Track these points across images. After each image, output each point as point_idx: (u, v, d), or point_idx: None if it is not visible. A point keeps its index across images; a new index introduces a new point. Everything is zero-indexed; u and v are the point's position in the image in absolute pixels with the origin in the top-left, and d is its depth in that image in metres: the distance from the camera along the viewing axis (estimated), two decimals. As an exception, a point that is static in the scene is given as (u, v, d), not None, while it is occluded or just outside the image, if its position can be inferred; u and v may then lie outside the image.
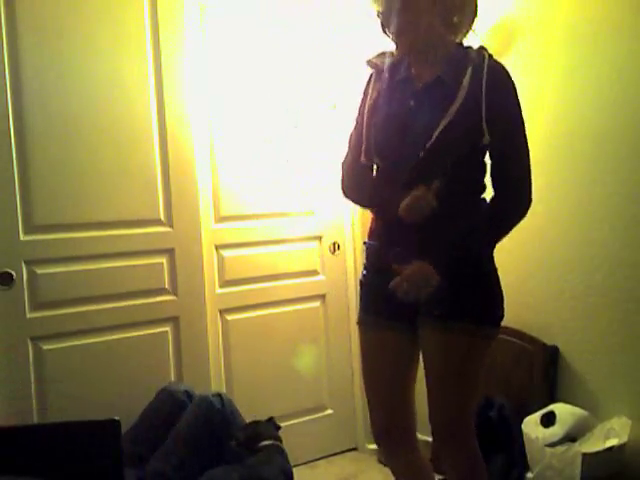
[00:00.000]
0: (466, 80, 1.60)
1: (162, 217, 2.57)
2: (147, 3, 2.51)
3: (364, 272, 1.81)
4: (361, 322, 1.81)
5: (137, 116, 2.50)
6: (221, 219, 2.81)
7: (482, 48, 1.68)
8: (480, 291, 1.67)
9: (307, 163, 3.00)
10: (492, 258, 1.71)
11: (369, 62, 1.80)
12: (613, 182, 2.34)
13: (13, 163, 2.28)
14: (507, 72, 1.65)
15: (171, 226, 2.59)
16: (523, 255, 2.65)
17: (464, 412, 1.72)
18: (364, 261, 1.83)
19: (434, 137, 1.58)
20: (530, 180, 1.66)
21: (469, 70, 1.61)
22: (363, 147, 1.75)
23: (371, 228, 1.81)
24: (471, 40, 1.76)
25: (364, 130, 1.75)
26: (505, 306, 1.73)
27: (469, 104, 1.58)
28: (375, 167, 1.79)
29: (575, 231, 2.47)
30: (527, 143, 1.65)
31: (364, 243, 1.83)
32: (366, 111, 1.76)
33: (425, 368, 1.73)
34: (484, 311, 1.68)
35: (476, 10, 1.72)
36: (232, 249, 2.85)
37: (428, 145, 1.59)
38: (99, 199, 2.43)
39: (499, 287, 1.71)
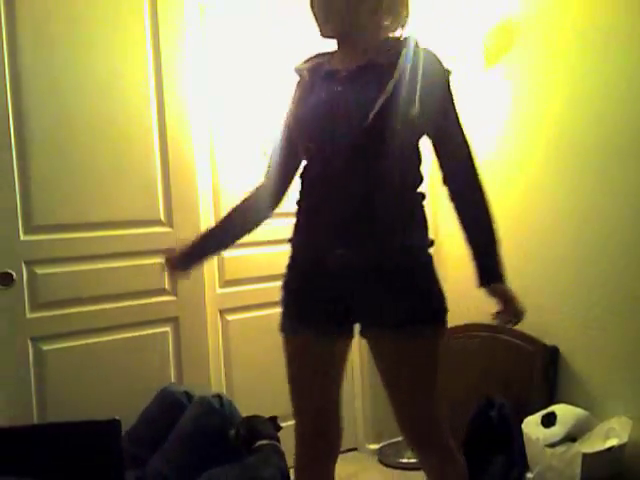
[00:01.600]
0: (402, 60, 1.53)
1: (162, 217, 2.57)
2: (147, 3, 2.51)
3: (289, 274, 1.71)
4: (288, 329, 1.70)
5: (137, 116, 2.50)
6: (221, 219, 2.80)
7: (411, 38, 1.61)
8: (424, 291, 1.59)
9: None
10: (430, 255, 1.63)
11: (297, 69, 1.75)
12: (614, 182, 2.34)
13: (13, 163, 2.27)
14: (435, 55, 1.60)
15: (171, 226, 2.59)
16: (523, 256, 2.65)
17: (431, 414, 1.65)
18: (289, 262, 1.72)
19: (372, 113, 1.49)
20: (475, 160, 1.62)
21: (404, 52, 1.55)
22: (294, 140, 1.68)
23: (298, 225, 1.70)
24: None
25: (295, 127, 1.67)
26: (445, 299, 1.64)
27: (405, 85, 1.51)
28: (306, 163, 1.68)
29: (575, 231, 2.47)
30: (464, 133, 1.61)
31: (289, 240, 1.73)
32: (291, 116, 1.69)
33: (383, 378, 1.65)
34: (430, 310, 1.59)
35: (408, 9, 1.66)
36: (232, 249, 2.83)
37: (366, 123, 1.50)
38: (99, 199, 2.43)
39: (439, 282, 1.62)
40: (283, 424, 2.52)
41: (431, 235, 1.67)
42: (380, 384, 1.71)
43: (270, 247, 2.92)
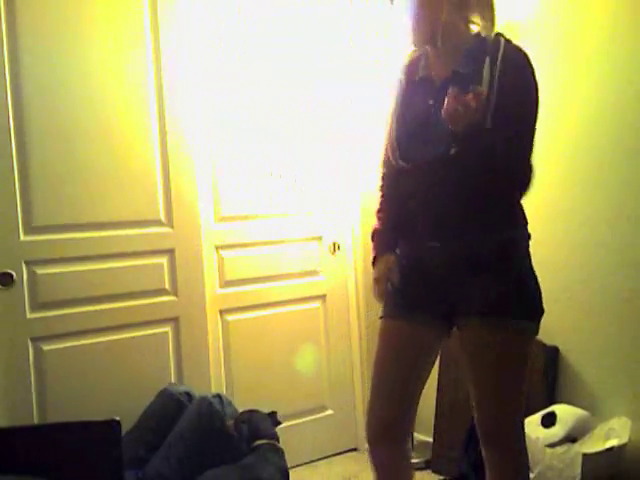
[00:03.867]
0: (486, 72, 1.56)
1: (162, 217, 2.57)
2: (147, 2, 2.51)
3: (403, 264, 1.76)
4: (387, 313, 1.76)
5: (137, 116, 2.50)
6: (221, 219, 2.81)
7: (498, 35, 1.63)
8: (520, 284, 1.64)
9: (307, 163, 3.00)
10: (528, 251, 1.68)
11: (399, 69, 1.79)
12: (614, 183, 2.34)
13: (13, 163, 2.27)
14: (524, 57, 1.60)
15: (171, 226, 2.59)
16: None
17: (512, 416, 1.66)
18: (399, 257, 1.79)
19: (460, 136, 1.53)
20: (527, 167, 1.60)
21: (487, 61, 1.57)
22: (389, 151, 1.72)
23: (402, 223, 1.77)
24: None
25: (388, 134, 1.73)
26: (542, 300, 1.70)
27: (487, 97, 1.53)
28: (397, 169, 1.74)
29: (575, 231, 2.47)
30: (533, 130, 1.59)
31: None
32: (389, 116, 1.74)
33: (471, 371, 1.67)
34: (525, 305, 1.64)
35: (493, 3, 1.67)
36: (232, 249, 2.84)
37: (455, 145, 1.55)
38: (99, 199, 2.43)
39: (537, 280, 1.68)
40: (283, 425, 2.51)
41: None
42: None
43: (270, 247, 2.93)
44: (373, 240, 1.86)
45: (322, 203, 3.04)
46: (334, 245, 3.09)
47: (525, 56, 1.60)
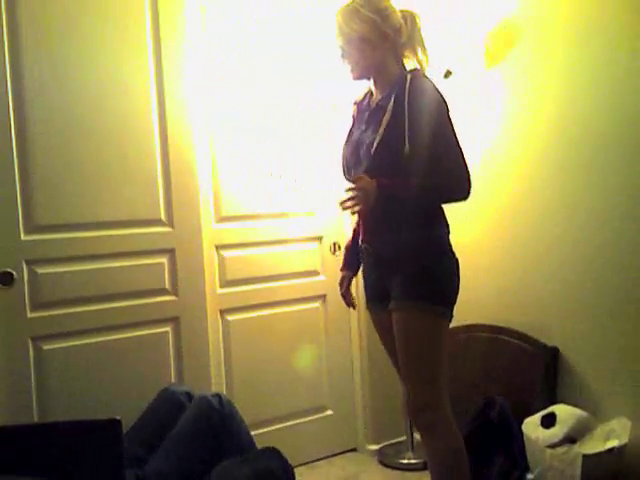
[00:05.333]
0: (390, 104, 1.85)
1: (163, 217, 2.57)
2: (148, 2, 2.51)
3: (362, 267, 2.15)
4: (366, 306, 2.17)
5: (138, 116, 2.50)
6: (222, 219, 2.81)
7: (412, 71, 1.92)
8: (429, 274, 1.87)
9: (307, 163, 3.00)
10: (443, 248, 1.93)
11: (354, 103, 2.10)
12: (613, 184, 2.34)
13: (14, 163, 2.27)
14: (427, 85, 1.85)
15: (172, 226, 2.59)
16: (523, 256, 2.65)
17: (429, 385, 1.87)
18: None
19: (370, 157, 1.87)
20: (462, 180, 1.85)
21: (394, 95, 1.85)
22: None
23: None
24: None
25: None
26: (454, 290, 1.92)
27: (392, 124, 1.83)
28: None
29: (575, 232, 2.47)
30: (454, 150, 1.84)
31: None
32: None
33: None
34: (433, 291, 1.87)
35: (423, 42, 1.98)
36: (233, 249, 2.85)
37: (368, 164, 1.88)
38: (100, 199, 2.43)
39: (451, 272, 1.92)
40: (283, 424, 2.49)
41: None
42: (380, 385, 1.75)
43: (271, 247, 2.93)
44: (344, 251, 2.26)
45: (322, 203, 3.04)
46: (334, 245, 3.10)
47: (427, 84, 1.86)
